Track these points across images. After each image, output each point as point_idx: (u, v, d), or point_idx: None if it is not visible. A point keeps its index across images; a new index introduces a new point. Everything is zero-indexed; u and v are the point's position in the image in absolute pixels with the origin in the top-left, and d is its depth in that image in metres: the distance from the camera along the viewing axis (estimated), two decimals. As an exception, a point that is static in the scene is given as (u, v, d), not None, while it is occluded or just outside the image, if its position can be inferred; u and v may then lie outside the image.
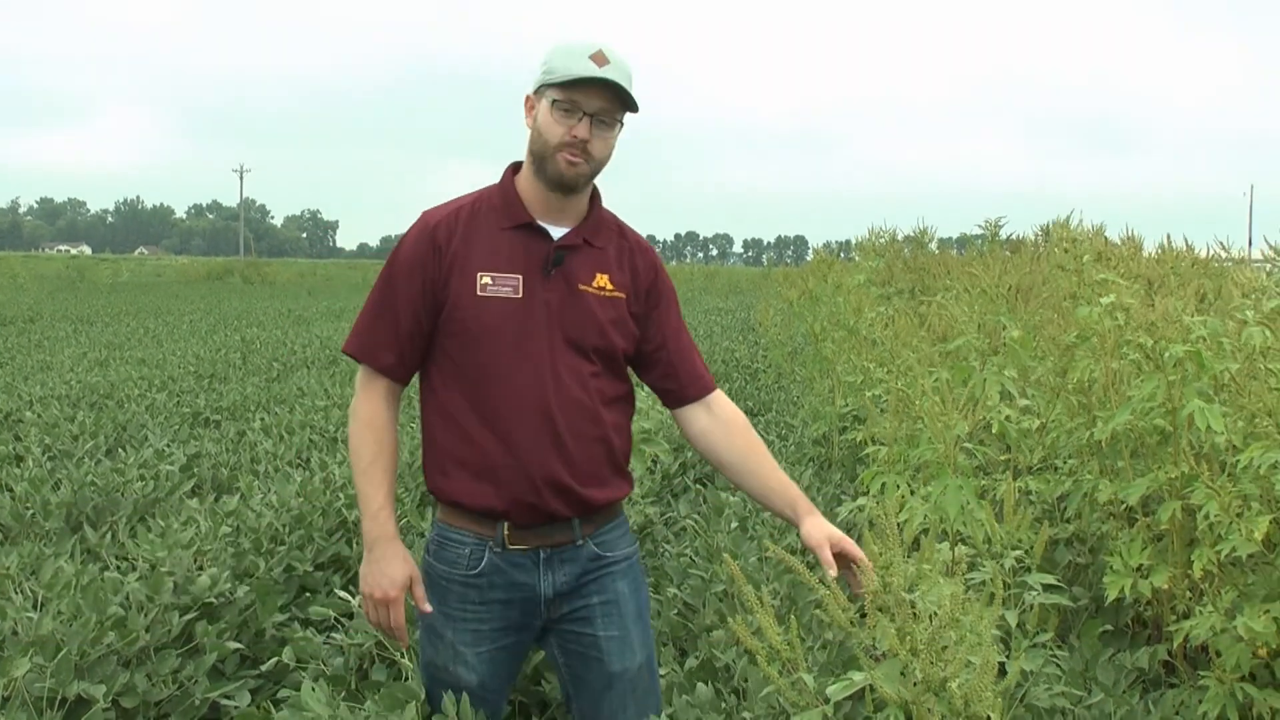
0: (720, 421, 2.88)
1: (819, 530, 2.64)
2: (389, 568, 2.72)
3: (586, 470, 2.72)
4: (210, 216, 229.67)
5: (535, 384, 2.67)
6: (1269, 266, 4.65)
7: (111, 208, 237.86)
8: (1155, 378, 3.49)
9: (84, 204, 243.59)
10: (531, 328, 2.67)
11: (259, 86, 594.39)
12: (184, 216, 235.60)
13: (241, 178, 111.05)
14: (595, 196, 2.82)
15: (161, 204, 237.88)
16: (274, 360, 14.07)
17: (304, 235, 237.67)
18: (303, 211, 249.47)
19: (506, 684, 2.87)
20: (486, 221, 2.73)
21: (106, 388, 10.78)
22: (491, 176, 2.83)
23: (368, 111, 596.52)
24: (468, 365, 2.71)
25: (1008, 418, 4.30)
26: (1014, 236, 11.29)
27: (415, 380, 2.93)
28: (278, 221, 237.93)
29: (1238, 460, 3.19)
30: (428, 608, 2.75)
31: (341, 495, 5.70)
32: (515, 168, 2.81)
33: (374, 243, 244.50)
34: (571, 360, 2.70)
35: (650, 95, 2.78)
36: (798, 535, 2.72)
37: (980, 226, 10.07)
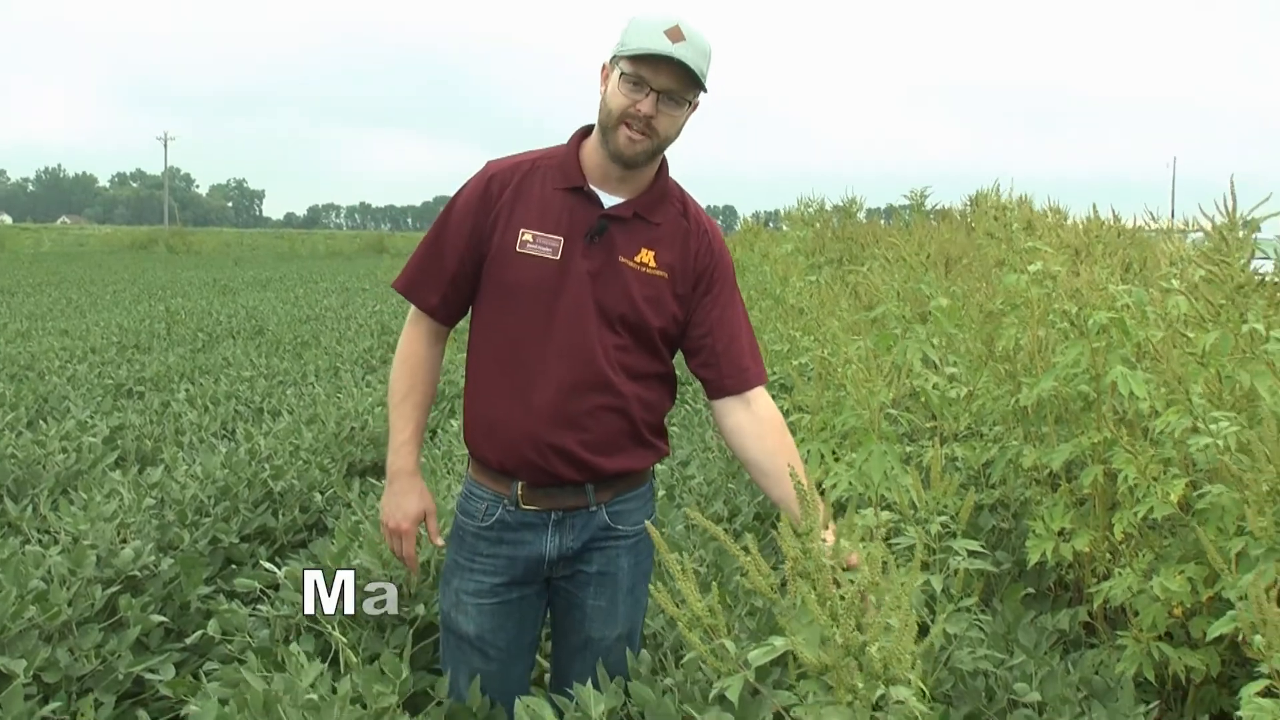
0: (755, 419, 2.81)
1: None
2: (404, 501, 2.86)
3: (598, 439, 2.73)
4: (134, 185, 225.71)
5: (556, 348, 2.67)
6: (1198, 234, 4.71)
7: (32, 176, 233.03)
8: (1079, 344, 3.53)
9: (3, 172, 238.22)
10: (563, 293, 2.67)
11: (183, 53, 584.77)
12: (107, 185, 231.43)
13: (166, 146, 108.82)
14: (662, 169, 2.78)
15: (84, 172, 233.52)
16: (199, 331, 13.92)
17: (230, 204, 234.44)
18: (228, 180, 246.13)
19: (515, 644, 2.86)
20: (543, 180, 2.73)
21: (27, 359, 10.59)
22: (421, 148, 2.83)
23: (295, 79, 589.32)
24: (497, 321, 2.73)
25: (934, 385, 4.34)
26: (941, 206, 11.37)
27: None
28: (203, 190, 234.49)
29: (1156, 425, 3.25)
30: (439, 541, 2.92)
31: (267, 466, 5.66)
32: (585, 131, 2.78)
33: (301, 212, 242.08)
34: (599, 331, 2.69)
35: (579, 66, 2.73)
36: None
37: (906, 197, 10.13)
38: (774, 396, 6.80)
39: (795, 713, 1.64)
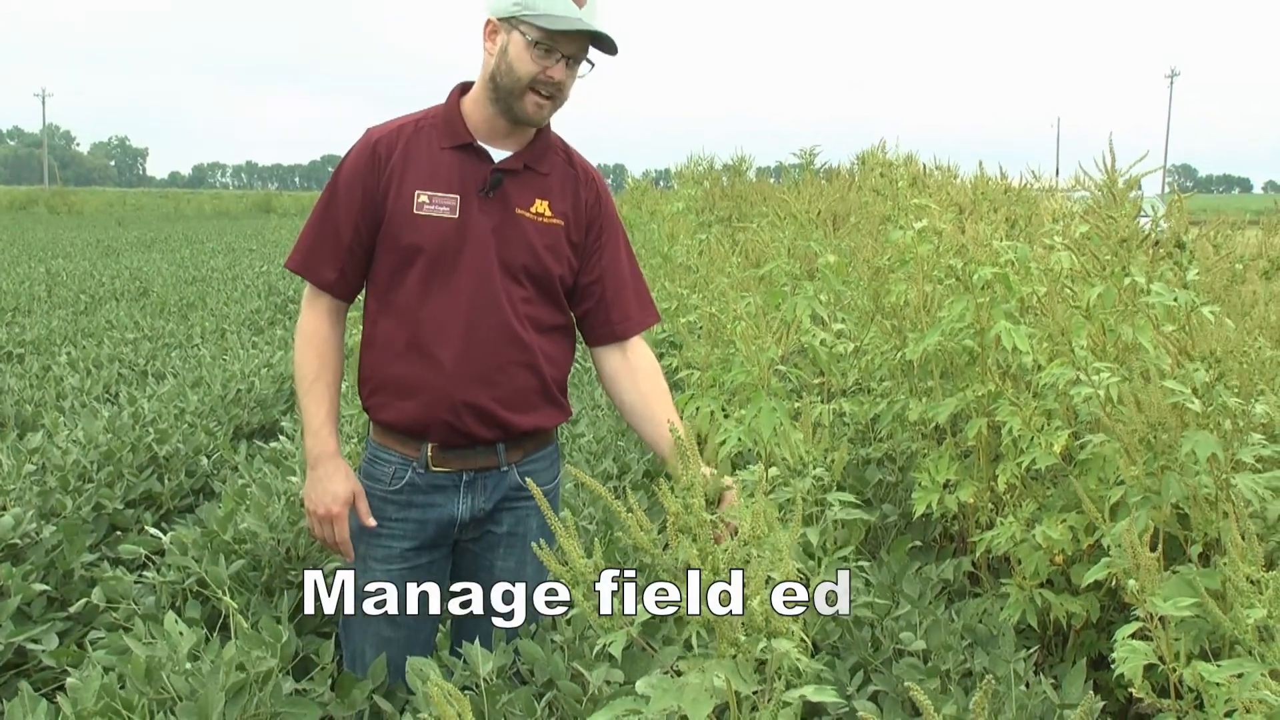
0: (630, 366, 2.87)
1: None
2: (332, 484, 2.73)
3: (510, 395, 2.72)
4: (11, 143, 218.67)
5: (463, 305, 2.66)
6: (1080, 192, 4.79)
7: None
8: (964, 299, 3.59)
9: None
10: (465, 249, 2.66)
11: (59, 4, 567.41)
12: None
13: (44, 102, 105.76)
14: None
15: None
16: (81, 293, 13.61)
17: (112, 163, 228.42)
18: (110, 138, 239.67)
19: (421, 611, 2.81)
20: (428, 140, 2.71)
21: (-101, 323, 10.27)
22: (309, 106, 2.78)
23: (180, 34, 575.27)
24: (400, 283, 2.70)
25: (823, 341, 4.39)
26: (829, 165, 11.45)
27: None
28: (84, 149, 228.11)
29: (1040, 378, 3.32)
30: (371, 521, 2.77)
31: (151, 430, 5.56)
32: (463, 88, 2.76)
33: (186, 171, 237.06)
34: (504, 284, 2.68)
35: (469, 21, 2.73)
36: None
37: (795, 155, 10.16)
38: (662, 354, 6.82)
39: (679, 666, 1.65)
